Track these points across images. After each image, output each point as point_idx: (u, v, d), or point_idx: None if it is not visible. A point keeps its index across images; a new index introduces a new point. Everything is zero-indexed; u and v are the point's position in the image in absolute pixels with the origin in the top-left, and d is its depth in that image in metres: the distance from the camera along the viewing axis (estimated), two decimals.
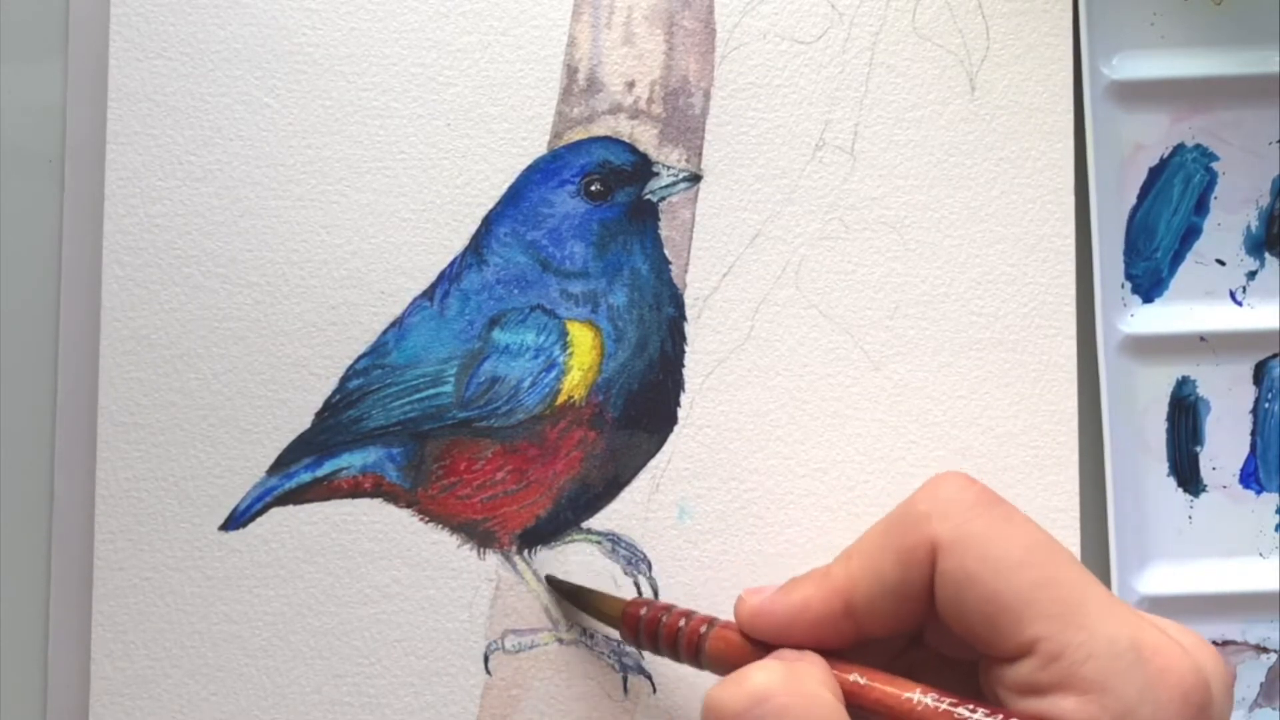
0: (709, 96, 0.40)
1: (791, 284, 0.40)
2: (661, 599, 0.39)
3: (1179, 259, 0.41)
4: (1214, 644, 0.40)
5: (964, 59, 0.40)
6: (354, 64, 0.40)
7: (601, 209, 0.39)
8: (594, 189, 0.39)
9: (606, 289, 0.39)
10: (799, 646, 0.31)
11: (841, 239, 0.40)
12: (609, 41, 0.40)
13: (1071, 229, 0.40)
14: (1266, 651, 0.40)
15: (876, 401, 0.39)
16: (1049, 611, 0.28)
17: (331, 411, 0.39)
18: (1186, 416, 0.41)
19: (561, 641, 0.39)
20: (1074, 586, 0.29)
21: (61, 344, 0.39)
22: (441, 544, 0.39)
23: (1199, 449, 0.41)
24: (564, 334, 0.39)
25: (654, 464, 0.39)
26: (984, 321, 0.40)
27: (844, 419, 0.39)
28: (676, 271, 0.40)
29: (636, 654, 0.39)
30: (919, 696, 0.29)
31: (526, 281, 0.39)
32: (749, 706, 0.29)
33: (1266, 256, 0.41)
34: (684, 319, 0.39)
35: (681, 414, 0.39)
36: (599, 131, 0.40)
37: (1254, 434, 0.41)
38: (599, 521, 0.39)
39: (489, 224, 0.39)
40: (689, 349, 0.39)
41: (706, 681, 0.38)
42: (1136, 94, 0.40)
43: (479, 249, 0.39)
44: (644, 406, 0.39)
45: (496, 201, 0.39)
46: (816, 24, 0.40)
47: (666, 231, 0.40)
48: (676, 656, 0.33)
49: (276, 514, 0.39)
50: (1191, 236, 0.41)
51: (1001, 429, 0.40)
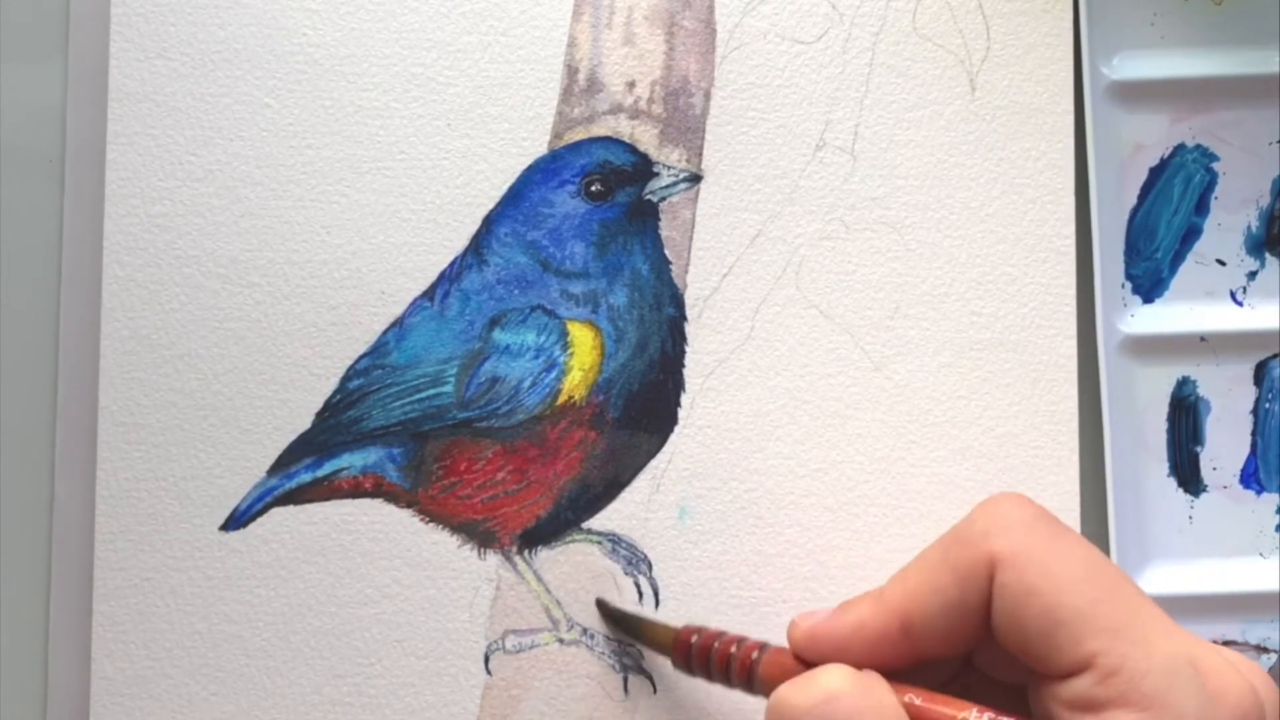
0: (709, 96, 0.40)
1: (792, 284, 0.40)
2: (662, 599, 0.39)
3: (1179, 259, 0.41)
4: (1214, 644, 0.40)
5: (964, 59, 0.40)
6: (354, 64, 0.40)
7: (602, 209, 0.39)
8: (594, 189, 0.39)
9: (607, 289, 0.39)
10: (856, 667, 0.31)
11: (842, 239, 0.40)
12: (609, 41, 0.40)
13: (1071, 229, 0.40)
14: (1266, 651, 0.40)
15: (876, 401, 0.39)
16: (1108, 626, 0.28)
17: (332, 412, 0.39)
18: (1187, 416, 0.41)
19: (561, 641, 0.39)
20: (1132, 604, 0.29)
21: (61, 344, 0.39)
22: (442, 544, 0.39)
23: (1199, 449, 0.41)
24: (564, 334, 0.39)
25: (654, 464, 0.39)
26: (984, 322, 0.40)
27: (844, 419, 0.39)
28: (677, 271, 0.40)
29: (637, 654, 0.39)
30: (975, 716, 0.29)
31: (527, 282, 0.39)
32: (818, 704, 0.29)
33: (1267, 256, 0.41)
34: (684, 319, 0.39)
35: (682, 414, 0.39)
36: (599, 132, 0.40)
37: (1254, 434, 0.41)
38: (599, 522, 0.39)
39: (489, 224, 0.39)
40: (689, 349, 0.39)
41: (706, 683, 0.38)
42: (1136, 94, 0.40)
43: (479, 249, 0.39)
44: (644, 407, 0.39)
45: (497, 201, 0.39)
46: (817, 24, 0.40)
47: (667, 231, 0.40)
48: (729, 683, 0.33)
49: (277, 514, 0.39)
50: (1192, 237, 0.41)
51: (1001, 429, 0.40)
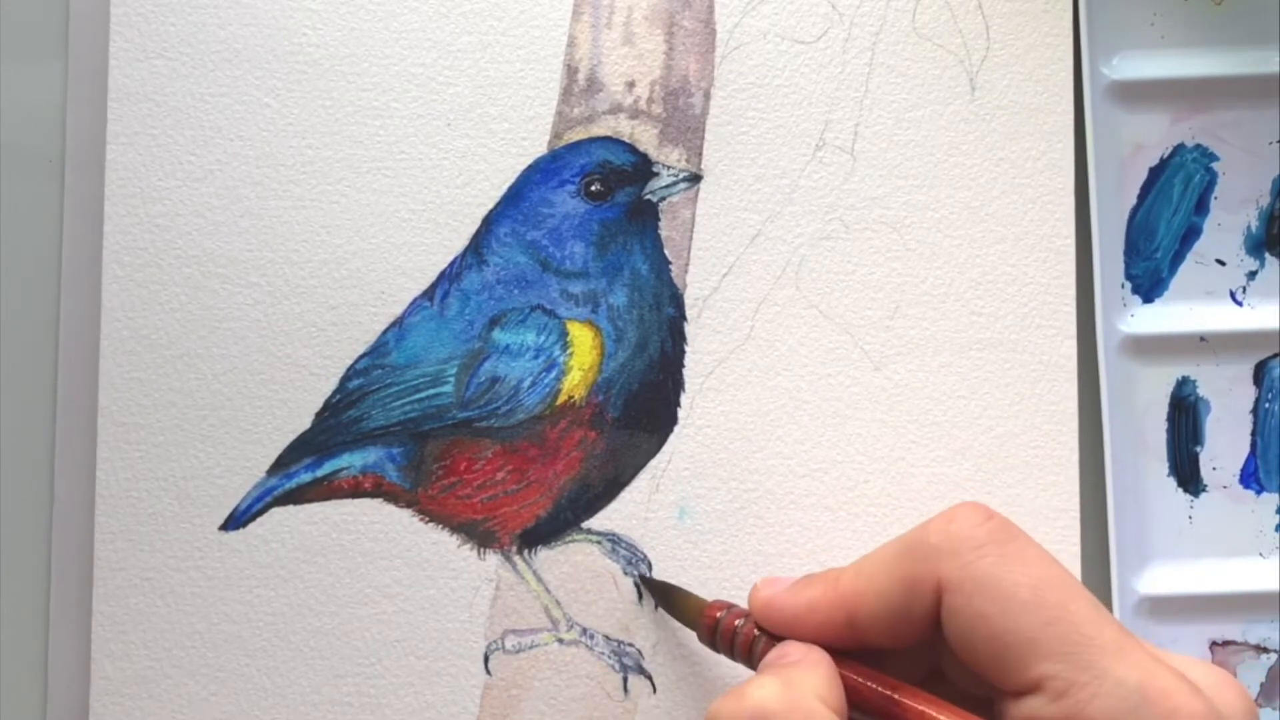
0: (709, 96, 0.40)
1: (791, 284, 0.40)
2: None
3: (1179, 259, 0.41)
4: (1214, 644, 0.40)
5: (964, 59, 0.40)
6: (354, 64, 0.40)
7: (601, 209, 0.39)
8: (594, 189, 0.39)
9: (606, 289, 0.39)
10: (801, 641, 0.32)
11: (842, 239, 0.40)
12: (609, 41, 0.40)
13: (1071, 229, 0.40)
14: (1266, 651, 0.40)
15: (876, 401, 0.39)
16: (1056, 650, 0.28)
17: (331, 411, 0.39)
18: (1186, 416, 0.41)
19: (561, 641, 0.39)
20: (1084, 625, 0.29)
21: (61, 344, 0.39)
22: (441, 544, 0.39)
23: (1199, 449, 0.41)
24: (564, 334, 0.39)
25: (654, 464, 0.39)
26: (984, 321, 0.40)
27: (844, 419, 0.39)
28: (676, 271, 0.40)
29: (636, 654, 0.39)
30: (906, 700, 0.30)
31: (526, 281, 0.39)
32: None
33: (1266, 256, 0.41)
34: (684, 319, 0.39)
35: (681, 414, 0.39)
36: (599, 131, 0.40)
37: (1254, 434, 0.41)
38: (599, 521, 0.39)
39: (489, 224, 0.39)
40: (689, 349, 0.39)
41: (705, 683, 0.38)
42: (1136, 94, 0.40)
43: (479, 249, 0.39)
44: (644, 406, 0.39)
45: (496, 201, 0.39)
46: (817, 24, 0.40)
47: (666, 231, 0.40)
48: (749, 663, 0.34)
49: (276, 514, 0.39)
50: (1191, 236, 0.41)
51: (1001, 429, 0.39)
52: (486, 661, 0.39)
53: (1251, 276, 0.41)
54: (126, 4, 0.39)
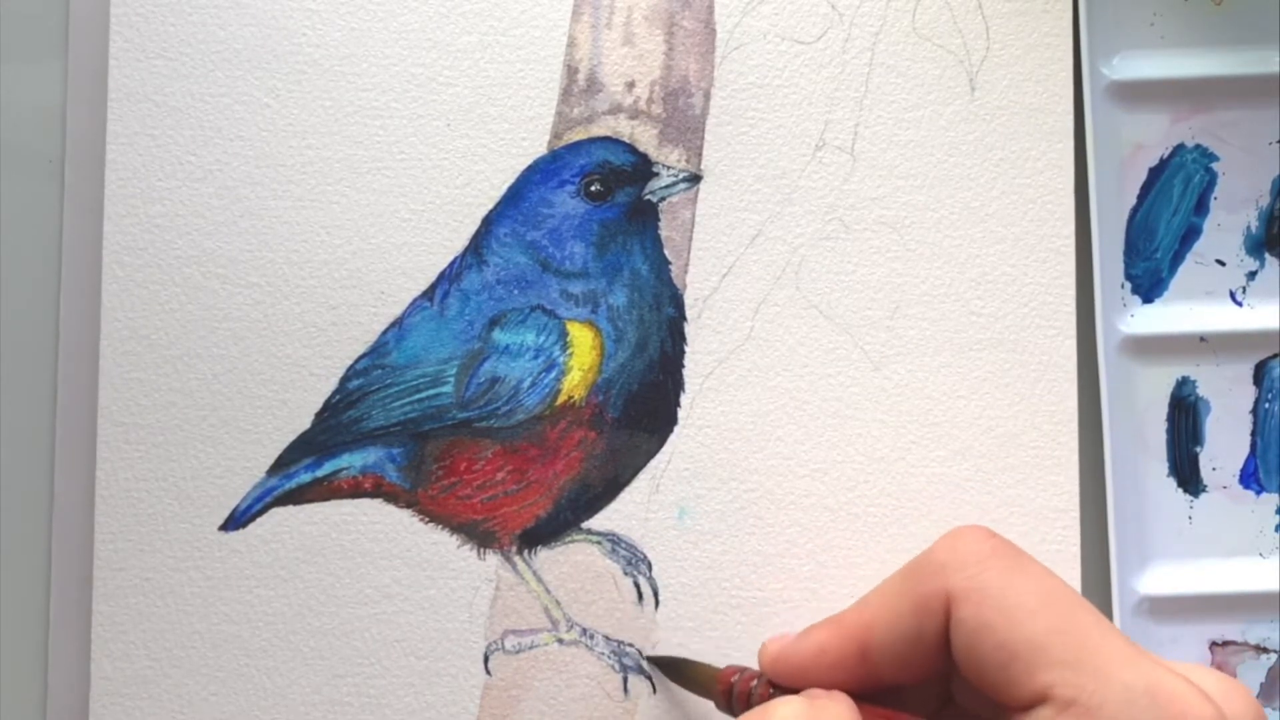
0: (709, 97, 0.40)
1: (791, 284, 0.40)
2: (662, 599, 0.39)
3: (1179, 259, 0.41)
4: (1214, 644, 0.40)
5: (964, 59, 0.40)
6: (354, 64, 0.40)
7: (601, 209, 0.39)
8: (594, 189, 0.39)
9: (606, 289, 0.39)
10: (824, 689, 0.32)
11: (841, 239, 0.40)
12: (609, 42, 0.40)
13: (1071, 229, 0.40)
14: (1266, 651, 0.40)
15: (876, 401, 0.39)
16: (1062, 658, 0.28)
17: (331, 412, 0.39)
18: (1186, 416, 0.41)
19: (561, 641, 0.39)
20: (1089, 634, 0.29)
21: (61, 344, 0.39)
22: (441, 544, 0.39)
23: (1199, 449, 0.41)
24: (564, 334, 0.39)
25: (654, 464, 0.39)
26: (984, 321, 0.40)
27: (844, 419, 0.39)
28: (676, 271, 0.40)
29: (636, 654, 0.39)
30: None
31: (526, 282, 0.39)
32: None
33: (1266, 256, 0.41)
34: (684, 319, 0.39)
35: (681, 414, 0.39)
36: (599, 132, 0.40)
37: (1254, 434, 0.41)
38: (599, 522, 0.39)
39: (489, 224, 0.39)
40: (689, 349, 0.39)
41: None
42: (1136, 94, 0.40)
43: (479, 249, 0.39)
44: (644, 407, 0.39)
45: (496, 202, 0.39)
46: (816, 24, 0.40)
47: (666, 232, 0.40)
48: None
49: (276, 514, 0.39)
50: (1191, 236, 0.41)
51: (1001, 429, 0.39)
52: (486, 661, 0.39)
53: (1251, 276, 0.41)
54: (126, 4, 0.39)
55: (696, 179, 0.40)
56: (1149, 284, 0.41)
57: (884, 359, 0.40)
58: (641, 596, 0.39)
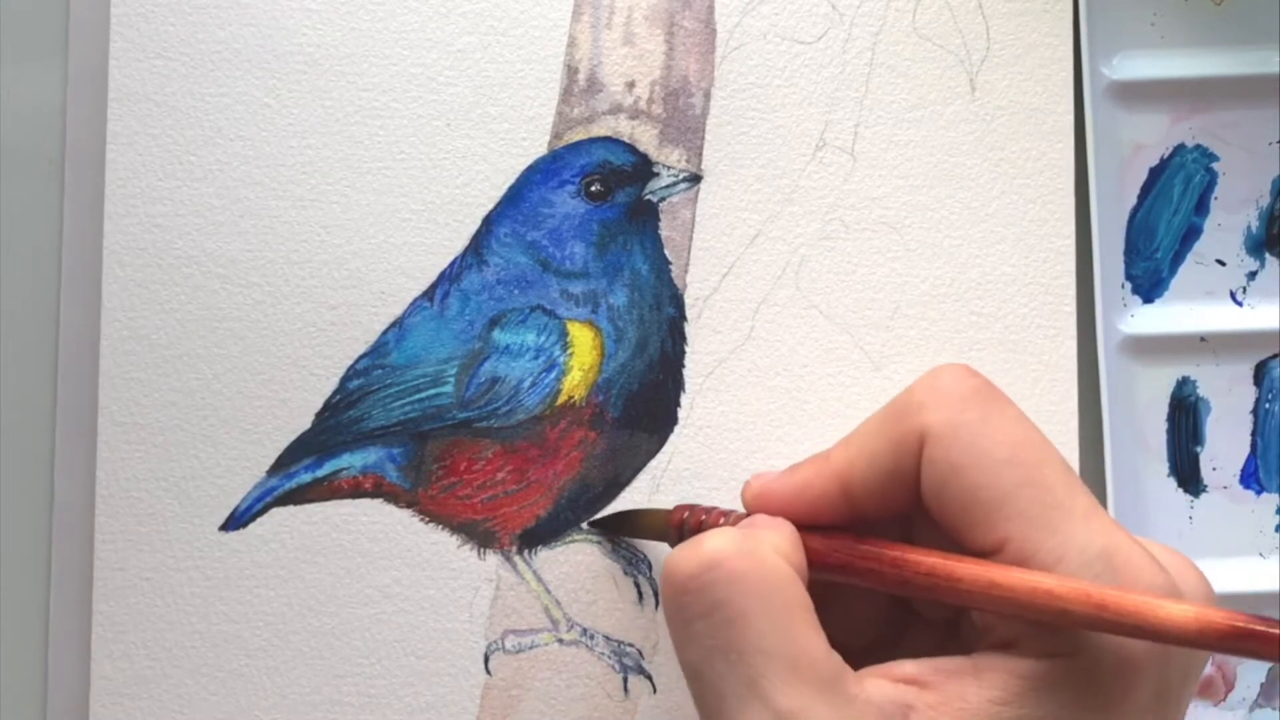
0: (709, 97, 0.40)
1: (791, 284, 0.40)
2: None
3: (1179, 259, 0.41)
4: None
5: (964, 59, 0.40)
6: (354, 64, 0.40)
7: (602, 209, 0.39)
8: (594, 189, 0.39)
9: (606, 289, 0.39)
10: (797, 524, 0.32)
11: (841, 239, 0.40)
12: (609, 41, 0.40)
13: (1071, 229, 0.40)
14: None
15: (877, 402, 0.39)
16: (1025, 512, 0.28)
17: (332, 411, 0.39)
18: (1186, 417, 0.41)
19: (561, 641, 0.39)
20: (1054, 490, 0.29)
21: (61, 344, 0.39)
22: (441, 544, 0.39)
23: (1199, 449, 0.41)
24: (564, 334, 0.39)
25: (654, 464, 0.39)
26: (984, 322, 0.40)
27: (844, 419, 0.39)
28: (676, 271, 0.40)
29: (636, 654, 0.39)
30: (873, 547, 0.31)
31: (526, 282, 0.39)
32: (701, 570, 0.29)
33: (1266, 256, 0.41)
34: (684, 319, 0.39)
35: (681, 414, 0.39)
36: (599, 132, 0.40)
37: (1254, 434, 0.41)
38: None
39: (489, 224, 0.39)
40: (689, 349, 0.39)
41: None
42: (1136, 94, 0.40)
43: (479, 249, 0.39)
44: (644, 407, 0.39)
45: (496, 202, 0.39)
46: (817, 24, 0.40)
47: (666, 232, 0.40)
48: None
49: (276, 514, 0.39)
50: (1191, 236, 0.41)
51: None
52: (486, 661, 0.39)
53: (1251, 276, 0.41)
54: (126, 4, 0.39)
55: (696, 179, 0.40)
56: (1149, 284, 0.41)
57: (884, 359, 0.40)
58: (641, 596, 0.39)
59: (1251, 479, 0.41)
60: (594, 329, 0.39)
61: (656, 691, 0.39)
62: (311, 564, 0.39)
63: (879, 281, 0.40)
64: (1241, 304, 0.41)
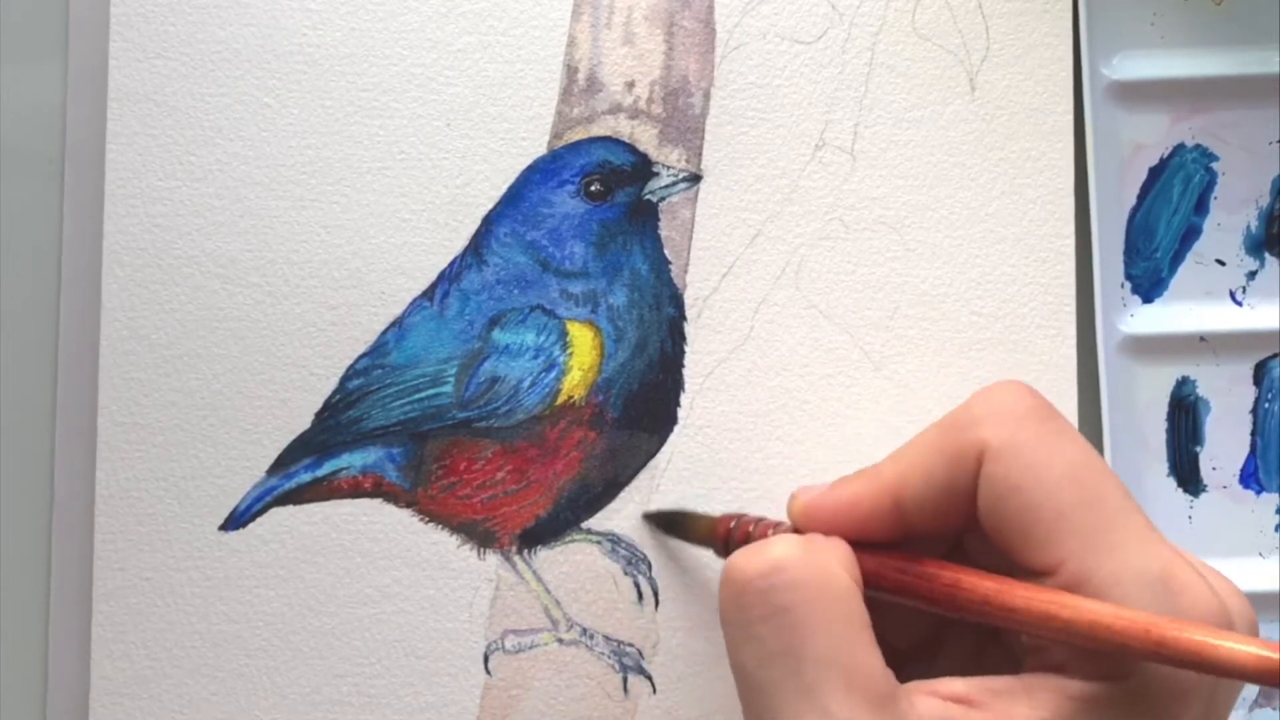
0: (709, 96, 0.40)
1: (791, 284, 0.40)
2: (662, 598, 0.39)
3: (1179, 259, 0.41)
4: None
5: (964, 59, 0.40)
6: (354, 64, 0.40)
7: (601, 209, 0.39)
8: (594, 189, 0.39)
9: (606, 289, 0.39)
10: (846, 539, 0.31)
11: (841, 239, 0.40)
12: (609, 41, 0.40)
13: (1071, 229, 0.40)
14: None
15: (876, 401, 0.39)
16: (1082, 532, 0.28)
17: (331, 411, 0.39)
18: (1186, 416, 0.41)
19: (561, 641, 0.39)
20: (1114, 512, 0.28)
21: (61, 344, 0.39)
22: (441, 544, 0.39)
23: (1199, 449, 0.41)
24: (564, 334, 0.39)
25: (654, 464, 0.39)
26: (984, 321, 0.40)
27: (844, 419, 0.39)
28: (676, 271, 0.40)
29: (636, 654, 0.39)
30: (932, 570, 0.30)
31: (526, 281, 0.39)
32: (764, 574, 0.29)
33: (1266, 256, 0.41)
34: (684, 319, 0.39)
35: (681, 414, 0.39)
36: (599, 131, 0.40)
37: (1254, 434, 0.41)
38: (599, 521, 0.39)
39: (489, 224, 0.39)
40: (689, 349, 0.39)
41: (706, 683, 0.38)
42: (1136, 94, 0.40)
43: (479, 249, 0.39)
44: (644, 406, 0.39)
45: (496, 201, 0.39)
46: (816, 24, 0.40)
47: (666, 231, 0.40)
48: None
49: (276, 514, 0.39)
50: (1191, 236, 0.41)
51: None
52: (486, 661, 0.39)
53: (1251, 276, 0.41)
54: (126, 4, 0.39)
55: (696, 179, 0.40)
56: (1149, 284, 0.41)
57: (884, 359, 0.40)
58: (641, 596, 0.39)
59: (1251, 479, 0.41)
60: (594, 329, 0.39)
61: (656, 691, 0.39)
62: (311, 564, 0.39)
63: (879, 281, 0.40)
64: (1241, 304, 0.41)
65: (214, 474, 0.39)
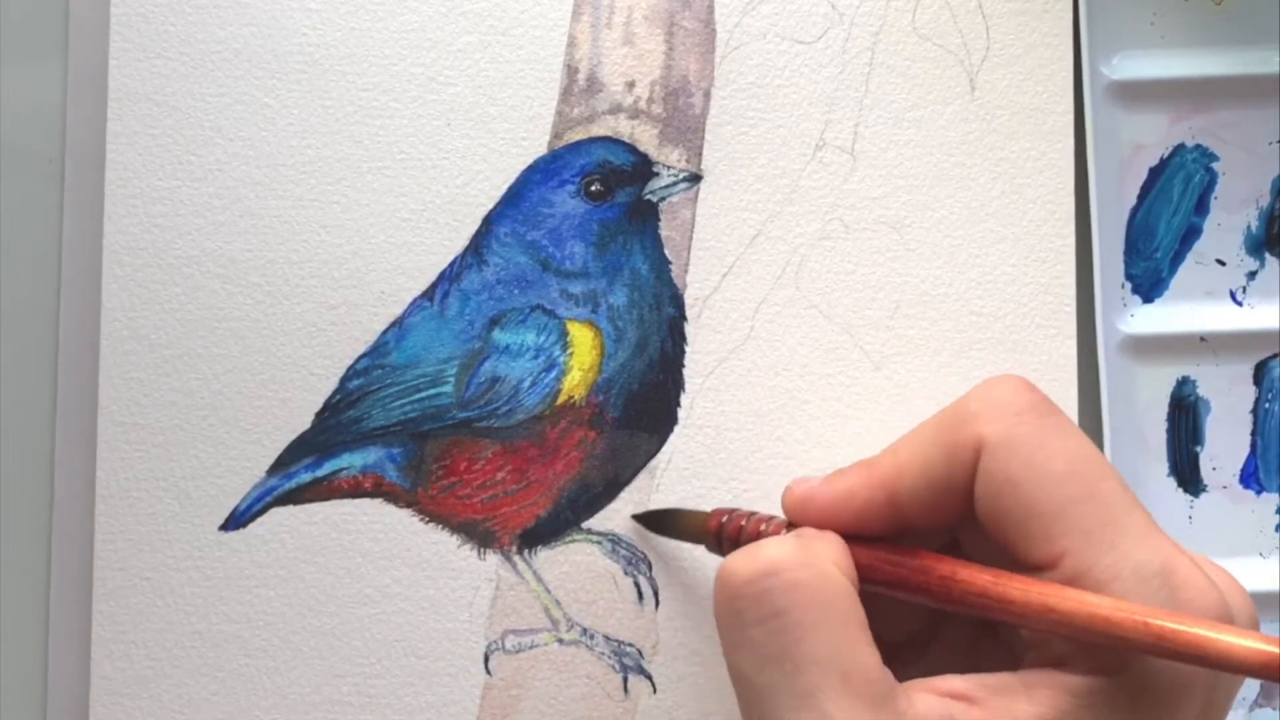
0: (709, 96, 0.40)
1: (791, 284, 0.40)
2: (662, 599, 0.39)
3: (1179, 259, 0.41)
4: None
5: (964, 59, 0.40)
6: (354, 64, 0.40)
7: (601, 209, 0.39)
8: (594, 189, 0.39)
9: (606, 289, 0.39)
10: (840, 533, 0.31)
11: (841, 239, 0.40)
12: (609, 41, 0.40)
13: (1071, 229, 0.40)
14: None
15: (876, 401, 0.39)
16: (1082, 527, 0.28)
17: (331, 411, 0.39)
18: (1186, 416, 0.41)
19: (561, 641, 0.39)
20: (1113, 507, 0.28)
21: (61, 344, 0.39)
22: (441, 544, 0.39)
23: (1199, 449, 0.41)
24: (564, 334, 0.39)
25: (654, 464, 0.39)
26: (984, 321, 0.40)
27: (844, 419, 0.39)
28: (676, 271, 0.40)
29: (636, 654, 0.39)
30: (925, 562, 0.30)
31: (526, 281, 0.39)
32: (758, 577, 0.29)
33: (1266, 256, 0.41)
34: (684, 319, 0.39)
35: (681, 414, 0.39)
36: (599, 131, 0.40)
37: (1254, 434, 0.41)
38: (599, 521, 0.39)
39: (489, 224, 0.39)
40: (689, 349, 0.39)
41: (706, 683, 0.38)
42: (1136, 94, 0.40)
43: (479, 249, 0.39)
44: (644, 406, 0.39)
45: (496, 201, 0.39)
46: (816, 24, 0.40)
47: (666, 231, 0.40)
48: None
49: (276, 514, 0.39)
50: (1191, 236, 0.41)
51: None
52: (486, 661, 0.39)
53: (1251, 276, 0.41)
54: (126, 4, 0.39)
55: (696, 179, 0.40)
56: (1149, 284, 0.41)
57: (884, 359, 0.40)
58: (641, 596, 0.39)
59: (1251, 479, 0.41)
60: (594, 329, 0.39)
61: (656, 691, 0.39)
62: (311, 564, 0.39)
63: (879, 281, 0.40)
64: (1241, 304, 0.41)
65: (214, 474, 0.39)
